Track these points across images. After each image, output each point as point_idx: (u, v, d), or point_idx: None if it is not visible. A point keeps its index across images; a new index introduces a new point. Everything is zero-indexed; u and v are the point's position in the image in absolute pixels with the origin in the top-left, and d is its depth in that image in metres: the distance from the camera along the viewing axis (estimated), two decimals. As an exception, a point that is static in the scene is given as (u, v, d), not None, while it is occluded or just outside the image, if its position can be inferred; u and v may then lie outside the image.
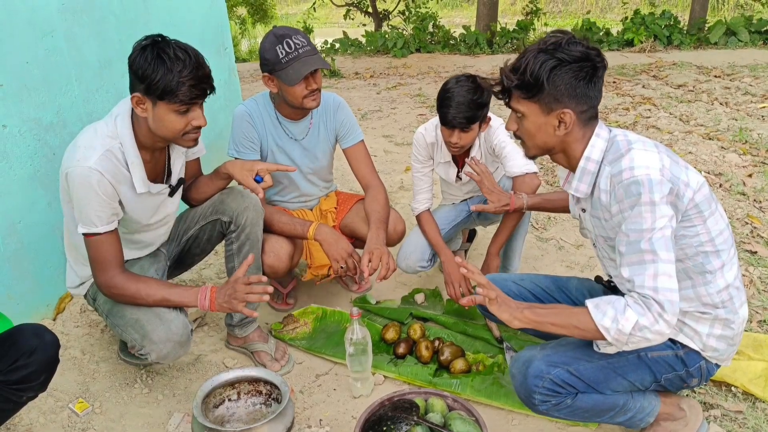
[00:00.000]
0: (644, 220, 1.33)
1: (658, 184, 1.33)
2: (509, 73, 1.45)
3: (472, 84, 2.09)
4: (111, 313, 1.87)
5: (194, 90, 1.64)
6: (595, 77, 1.41)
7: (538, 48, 1.42)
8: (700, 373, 1.55)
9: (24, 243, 2.17)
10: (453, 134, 2.14)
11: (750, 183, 3.47)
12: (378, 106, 5.85)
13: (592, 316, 1.37)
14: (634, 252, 1.35)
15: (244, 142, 2.19)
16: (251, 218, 2.01)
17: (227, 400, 1.82)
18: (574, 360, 1.48)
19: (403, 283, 2.66)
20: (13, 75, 2.07)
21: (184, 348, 1.84)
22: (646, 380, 1.53)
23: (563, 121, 1.43)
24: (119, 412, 1.90)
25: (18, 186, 2.13)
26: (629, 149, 1.40)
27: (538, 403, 1.49)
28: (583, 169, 1.48)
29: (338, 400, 1.97)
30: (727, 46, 8.18)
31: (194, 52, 1.66)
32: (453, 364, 2.06)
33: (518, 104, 1.47)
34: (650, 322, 1.32)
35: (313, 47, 2.06)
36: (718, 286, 1.46)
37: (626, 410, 1.55)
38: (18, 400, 1.50)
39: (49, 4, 2.19)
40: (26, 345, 1.46)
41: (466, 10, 18.36)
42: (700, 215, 1.41)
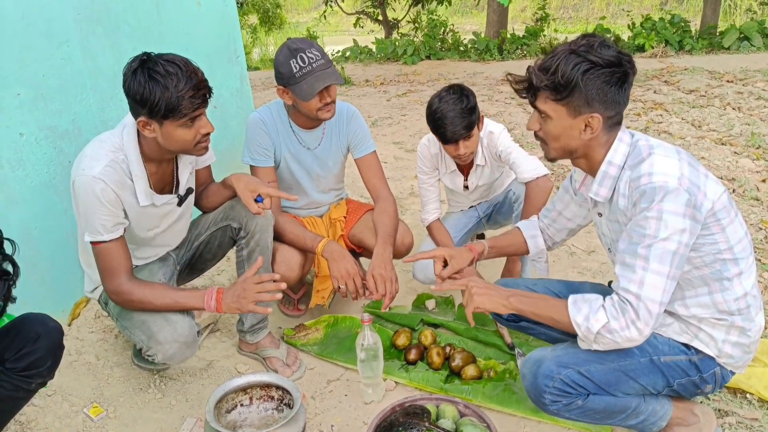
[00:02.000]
0: (648, 226, 1.33)
1: (673, 194, 1.31)
2: (539, 73, 1.42)
3: (455, 94, 2.13)
4: (120, 316, 1.90)
5: (195, 100, 1.65)
6: (626, 83, 1.40)
7: (569, 49, 1.39)
8: (714, 380, 1.53)
9: (40, 250, 2.20)
10: (458, 147, 2.17)
11: (764, 188, 3.44)
12: (388, 113, 5.87)
13: (568, 310, 1.42)
14: (629, 253, 1.36)
15: (259, 149, 2.21)
16: (261, 225, 2.02)
17: (239, 405, 1.83)
18: (585, 361, 1.48)
19: (414, 289, 2.66)
20: (29, 84, 2.11)
21: (190, 349, 1.86)
22: (658, 384, 1.52)
23: (590, 125, 1.42)
24: (133, 417, 1.92)
25: (34, 193, 2.16)
26: (650, 154, 1.40)
27: (548, 403, 1.49)
28: (604, 173, 1.47)
29: (349, 406, 1.98)
30: (739, 50, 8.12)
31: (183, 61, 1.67)
32: (464, 370, 2.06)
33: (545, 105, 1.44)
34: (621, 326, 1.34)
35: (327, 60, 2.06)
36: (735, 293, 1.44)
37: (638, 413, 1.54)
38: (28, 387, 1.52)
39: (65, 15, 2.23)
40: (31, 332, 1.50)
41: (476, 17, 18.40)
42: (718, 223, 1.39)
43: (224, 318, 2.48)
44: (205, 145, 1.79)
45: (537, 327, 1.82)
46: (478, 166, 2.33)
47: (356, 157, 2.36)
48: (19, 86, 2.07)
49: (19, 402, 1.58)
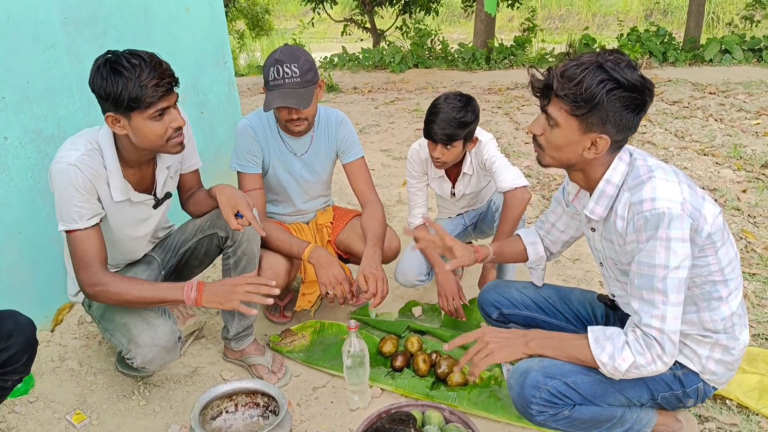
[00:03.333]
0: (658, 256, 1.32)
1: (678, 220, 1.30)
2: (562, 80, 1.34)
3: (460, 103, 2.14)
4: (103, 318, 1.88)
5: (159, 89, 1.63)
6: (643, 111, 1.36)
7: (596, 61, 1.32)
8: (697, 395, 1.55)
9: (23, 254, 2.17)
10: (436, 149, 2.18)
11: (744, 198, 3.50)
12: (376, 121, 5.90)
13: (591, 349, 1.41)
14: (646, 288, 1.35)
15: (247, 156, 2.21)
16: (248, 234, 2.00)
17: (225, 412, 1.82)
18: (571, 372, 1.49)
19: (401, 296, 2.67)
20: (15, 87, 2.09)
21: (170, 354, 1.84)
22: (643, 397, 1.54)
23: (597, 144, 1.38)
24: (116, 424, 1.90)
25: (18, 197, 2.14)
26: (650, 177, 1.37)
27: (535, 414, 1.50)
28: (602, 192, 1.45)
29: (336, 413, 1.97)
30: (721, 63, 8.28)
31: (148, 54, 1.65)
32: (450, 377, 2.06)
33: (557, 113, 1.38)
34: (647, 361, 1.36)
35: (305, 80, 2.03)
36: (722, 313, 1.45)
37: (623, 422, 1.56)
38: (4, 384, 1.51)
39: (52, 18, 2.22)
40: (3, 329, 1.48)
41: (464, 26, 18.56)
42: (713, 246, 1.39)
43: (209, 325, 2.47)
44: (178, 141, 1.75)
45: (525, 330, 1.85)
46: (465, 174, 2.35)
47: (344, 163, 2.37)
48: (5, 89, 2.05)
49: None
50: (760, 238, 3.03)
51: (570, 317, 1.85)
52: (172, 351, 1.85)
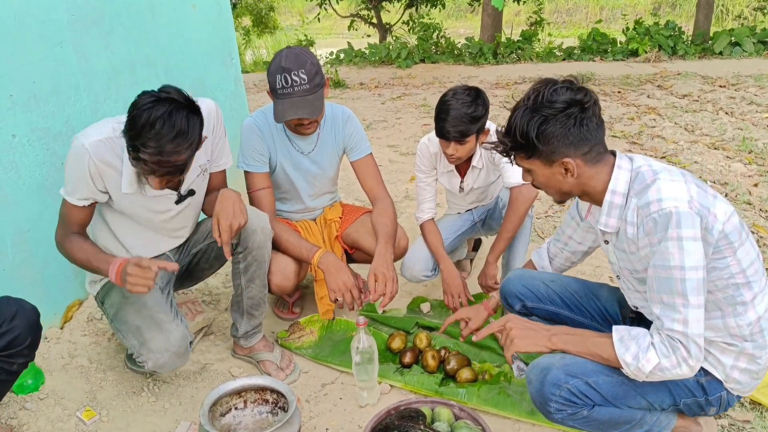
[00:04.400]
0: (672, 257, 1.30)
1: (687, 217, 1.29)
2: (503, 138, 1.47)
3: (469, 97, 2.10)
4: (115, 318, 1.90)
5: (156, 168, 1.60)
6: (585, 119, 1.38)
7: (524, 106, 1.42)
8: (720, 403, 1.52)
9: (32, 252, 2.18)
10: (449, 146, 2.16)
11: (756, 192, 3.46)
12: (383, 117, 5.88)
13: (615, 348, 1.39)
14: (665, 291, 1.33)
15: (254, 155, 2.20)
16: (259, 241, 1.98)
17: (234, 408, 1.82)
18: (593, 372, 1.46)
19: (409, 292, 2.66)
20: (22, 85, 2.09)
21: (181, 359, 1.86)
22: (665, 402, 1.51)
23: (568, 169, 1.42)
24: (126, 421, 1.91)
25: (27, 195, 2.14)
26: (655, 179, 1.37)
27: (553, 411, 1.47)
28: (610, 203, 1.44)
29: (344, 410, 1.97)
30: (731, 56, 8.19)
31: (185, 131, 1.57)
32: (459, 373, 2.06)
33: (522, 162, 1.49)
34: (672, 365, 1.33)
35: (313, 86, 2.01)
36: (748, 318, 1.41)
37: (642, 424, 1.53)
38: (9, 368, 1.52)
39: (59, 17, 2.22)
40: (6, 312, 1.50)
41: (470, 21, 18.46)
42: (731, 246, 1.36)
43: (218, 321, 2.47)
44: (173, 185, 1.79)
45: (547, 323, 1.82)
46: (474, 167, 2.34)
47: (353, 160, 2.36)
48: (12, 87, 2.05)
49: (3, 385, 1.57)
50: (773, 232, 3.00)
51: (596, 315, 1.82)
52: (183, 356, 1.87)
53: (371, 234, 2.30)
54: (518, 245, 2.42)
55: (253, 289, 2.06)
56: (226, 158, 2.06)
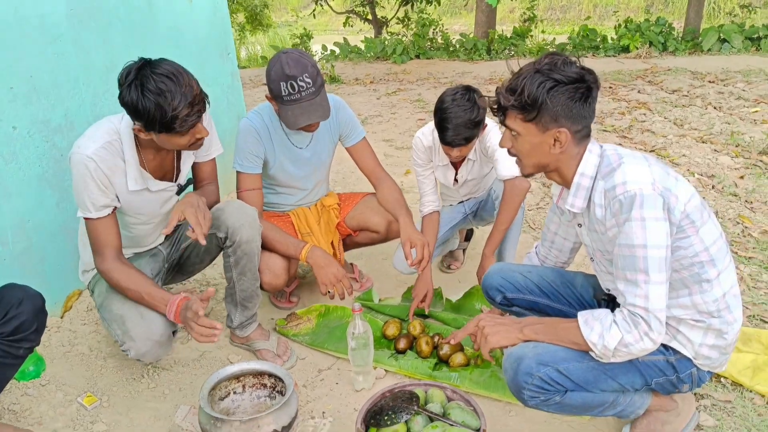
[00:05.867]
0: (635, 236, 1.36)
1: (650, 199, 1.35)
2: (506, 94, 1.47)
3: (468, 102, 2.13)
4: (102, 307, 1.93)
5: (189, 119, 1.65)
6: (590, 98, 1.44)
7: (534, 69, 1.44)
8: (691, 380, 1.57)
9: (32, 242, 2.22)
10: (453, 150, 2.21)
11: (742, 184, 3.54)
12: (378, 111, 5.92)
13: (581, 331, 1.44)
14: (628, 269, 1.39)
15: (250, 156, 2.21)
16: (247, 235, 2.00)
17: (232, 393, 1.87)
18: (563, 360, 1.51)
19: (404, 282, 2.71)
20: (22, 78, 2.13)
21: (163, 348, 1.89)
22: (636, 383, 1.56)
23: (558, 140, 1.46)
24: (126, 406, 1.95)
25: (27, 186, 2.18)
26: (620, 163, 1.43)
27: (527, 399, 1.53)
28: (578, 185, 1.50)
29: (341, 394, 2.02)
30: (720, 52, 8.28)
31: (177, 74, 1.63)
32: (452, 358, 2.11)
33: (514, 123, 1.49)
34: (635, 339, 1.38)
35: (318, 86, 2.05)
36: (714, 295, 1.47)
37: (616, 405, 1.59)
38: (16, 353, 1.56)
39: (58, 10, 2.26)
40: (13, 297, 1.54)
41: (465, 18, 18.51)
42: (693, 225, 1.43)
43: (215, 311, 2.52)
44: (199, 145, 1.82)
45: (528, 313, 1.89)
46: (469, 160, 2.39)
47: (349, 146, 2.41)
48: (13, 80, 2.09)
49: (9, 369, 1.61)
50: (757, 222, 3.07)
51: (573, 301, 1.88)
52: (166, 345, 1.90)
53: (377, 213, 2.36)
54: (510, 236, 2.47)
55: (244, 282, 2.08)
56: (216, 146, 2.09)
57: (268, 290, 2.25)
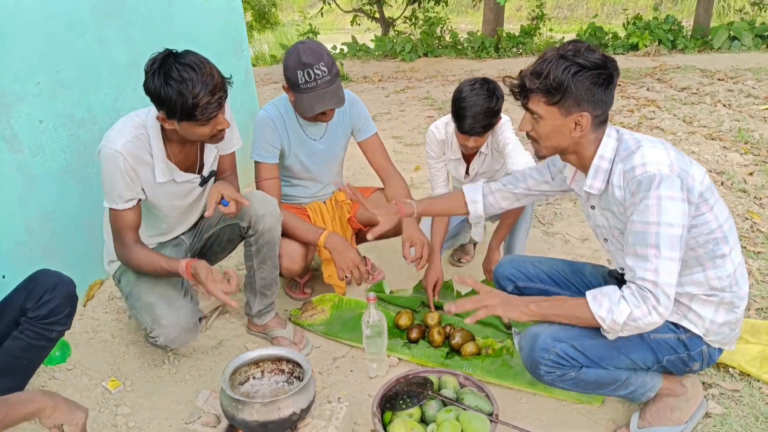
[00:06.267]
0: (650, 213, 1.41)
1: (668, 179, 1.41)
2: (532, 77, 1.50)
3: (487, 92, 2.17)
4: (130, 295, 2.00)
5: (210, 107, 1.69)
6: (611, 84, 1.49)
7: (558, 54, 1.48)
8: (702, 358, 1.62)
9: (56, 232, 2.29)
10: (469, 140, 2.25)
11: (751, 181, 3.56)
12: (387, 109, 5.97)
13: (589, 307, 1.48)
14: (639, 244, 1.44)
15: (267, 146, 2.28)
16: (269, 224, 2.07)
17: (252, 378, 1.92)
18: (579, 336, 1.56)
19: (415, 274, 2.76)
20: (49, 73, 2.20)
21: (191, 334, 1.97)
22: (648, 360, 1.61)
23: (580, 123, 1.50)
24: (149, 390, 2.02)
25: (52, 178, 2.25)
26: (639, 146, 1.49)
27: (543, 374, 1.58)
28: (597, 167, 1.55)
29: (355, 380, 2.08)
30: (730, 50, 8.27)
31: (200, 64, 1.67)
32: (464, 347, 2.16)
33: (537, 106, 1.52)
34: (643, 313, 1.42)
35: (333, 75, 2.12)
36: (727, 270, 1.53)
37: (628, 384, 1.64)
38: (49, 335, 1.63)
39: (83, 7, 2.32)
40: (48, 282, 1.62)
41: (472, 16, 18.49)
42: (707, 204, 1.49)
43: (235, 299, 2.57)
44: (221, 136, 1.87)
45: None
46: (481, 153, 2.43)
47: (360, 140, 2.46)
48: (40, 75, 2.16)
49: (42, 351, 1.68)
50: (766, 218, 3.10)
51: (582, 289, 1.90)
52: (193, 331, 1.98)
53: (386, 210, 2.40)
54: (519, 231, 2.52)
55: (264, 270, 2.16)
56: (236, 140, 2.16)
57: (286, 275, 2.32)
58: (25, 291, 1.60)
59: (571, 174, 1.73)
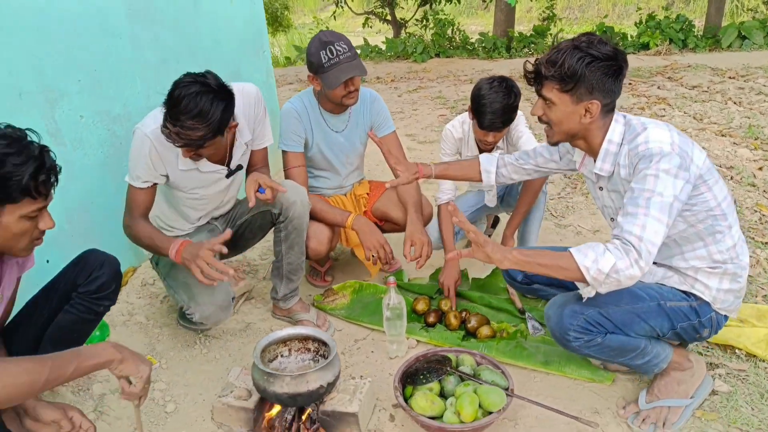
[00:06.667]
0: (647, 182, 1.52)
1: (667, 156, 1.52)
2: (547, 65, 1.61)
3: (505, 89, 2.28)
4: (168, 276, 2.15)
5: (176, 143, 1.82)
6: (621, 75, 1.60)
7: (572, 45, 1.58)
8: (711, 324, 1.73)
9: (94, 222, 2.43)
10: (489, 135, 2.36)
11: (760, 175, 3.63)
12: (400, 108, 6.09)
13: (574, 257, 1.55)
14: (630, 204, 1.54)
15: (292, 136, 2.42)
16: (299, 211, 2.21)
17: (280, 356, 2.04)
18: (604, 304, 1.66)
19: (431, 264, 2.86)
20: (88, 72, 2.34)
21: (224, 312, 2.11)
22: (664, 327, 1.71)
23: (590, 110, 1.61)
24: (183, 369, 2.15)
25: (90, 171, 2.39)
26: (645, 128, 1.61)
27: (572, 340, 1.67)
28: (606, 150, 1.66)
29: (376, 360, 2.19)
30: (741, 48, 8.30)
31: (187, 118, 1.77)
32: (479, 330, 2.27)
33: (550, 93, 1.63)
34: (626, 265, 1.50)
35: (354, 53, 2.27)
36: (726, 244, 1.66)
37: (645, 353, 1.73)
38: (97, 309, 1.76)
39: (118, 11, 2.47)
40: (95, 260, 1.74)
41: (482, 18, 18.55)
42: (705, 184, 1.60)
43: (257, 288, 2.70)
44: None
45: (548, 289, 2.03)
46: (498, 148, 2.54)
47: (378, 137, 2.58)
48: (80, 73, 2.30)
49: (90, 325, 1.80)
50: (774, 211, 3.18)
51: None
52: (226, 310, 2.12)
53: (397, 205, 2.52)
54: (532, 221, 2.62)
55: (292, 255, 2.29)
56: (268, 137, 2.29)
57: (313, 257, 2.44)
58: (75, 268, 1.73)
59: (580, 158, 1.83)
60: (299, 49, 11.08)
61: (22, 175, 1.33)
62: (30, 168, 1.34)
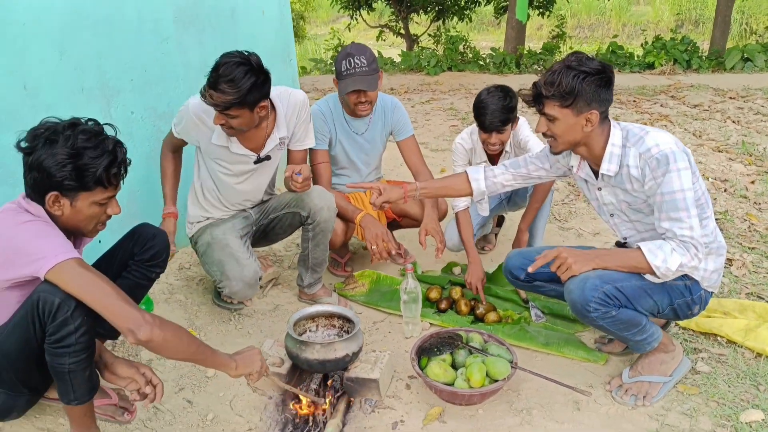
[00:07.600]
0: (674, 183, 1.75)
1: (680, 154, 1.77)
2: (546, 86, 1.82)
3: (501, 92, 2.54)
4: (204, 254, 2.40)
5: (206, 101, 2.11)
6: (611, 85, 1.85)
7: (564, 65, 1.81)
8: (701, 301, 1.96)
9: (140, 208, 2.67)
10: (491, 136, 2.60)
11: (752, 188, 3.86)
12: (413, 118, 6.34)
13: (645, 257, 1.81)
14: (671, 210, 1.77)
15: (318, 135, 2.66)
16: (325, 216, 2.45)
17: (308, 330, 2.29)
18: (619, 279, 1.87)
19: (443, 259, 3.10)
20: (139, 71, 2.60)
21: (252, 289, 2.37)
22: (664, 302, 1.93)
23: (590, 120, 1.84)
24: (220, 340, 2.39)
25: (139, 162, 2.62)
26: (646, 132, 1.84)
27: (591, 311, 1.84)
28: (611, 153, 1.89)
29: (393, 340, 2.43)
30: (743, 70, 8.56)
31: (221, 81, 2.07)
32: (487, 316, 2.50)
33: (552, 110, 1.84)
34: (689, 260, 1.78)
35: (373, 69, 2.52)
36: (710, 227, 1.91)
37: (645, 330, 1.94)
38: (150, 275, 1.99)
39: (167, 16, 2.74)
40: (148, 233, 1.98)
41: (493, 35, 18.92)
42: (695, 175, 1.85)
43: (284, 276, 2.94)
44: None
45: (547, 285, 2.22)
46: (506, 152, 2.78)
47: (399, 140, 2.84)
48: (133, 73, 2.57)
49: (143, 290, 2.04)
50: (763, 220, 3.40)
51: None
52: (254, 287, 2.37)
53: (417, 204, 2.77)
54: (541, 218, 2.85)
55: (317, 251, 2.54)
56: (310, 140, 2.54)
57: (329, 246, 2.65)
58: (131, 239, 1.97)
59: (576, 163, 2.06)
60: (317, 61, 11.40)
61: (97, 167, 1.53)
62: (104, 161, 1.55)
